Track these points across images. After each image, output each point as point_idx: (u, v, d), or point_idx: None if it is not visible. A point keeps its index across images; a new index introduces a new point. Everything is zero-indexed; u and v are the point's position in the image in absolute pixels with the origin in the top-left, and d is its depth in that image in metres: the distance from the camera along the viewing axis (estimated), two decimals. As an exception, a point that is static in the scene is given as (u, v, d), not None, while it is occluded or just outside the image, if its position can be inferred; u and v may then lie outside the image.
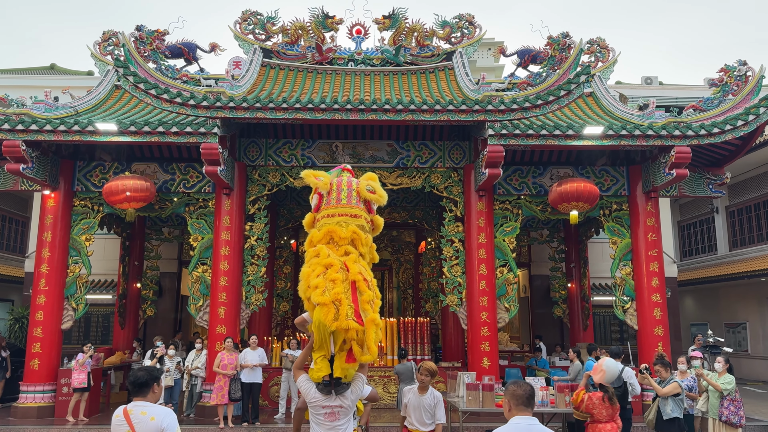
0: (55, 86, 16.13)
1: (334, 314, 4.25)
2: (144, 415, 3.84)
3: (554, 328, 18.23)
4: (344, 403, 4.55)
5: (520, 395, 3.48)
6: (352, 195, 4.89)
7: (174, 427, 3.88)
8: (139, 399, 3.93)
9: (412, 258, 19.51)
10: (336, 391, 4.52)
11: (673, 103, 17.91)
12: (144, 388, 3.93)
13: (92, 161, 12.72)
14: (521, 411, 3.47)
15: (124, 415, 3.86)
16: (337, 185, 4.95)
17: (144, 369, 4.04)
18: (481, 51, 22.50)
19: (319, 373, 4.50)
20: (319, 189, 4.95)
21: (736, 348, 19.80)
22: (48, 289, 12.03)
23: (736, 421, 7.92)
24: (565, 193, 11.54)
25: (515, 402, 3.49)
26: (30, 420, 11.34)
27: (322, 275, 4.44)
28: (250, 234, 12.67)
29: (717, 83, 12.68)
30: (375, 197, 4.98)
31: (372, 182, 5.04)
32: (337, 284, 4.38)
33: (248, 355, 11.40)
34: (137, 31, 13.94)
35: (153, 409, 3.90)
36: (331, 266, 4.48)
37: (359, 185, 4.95)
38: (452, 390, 9.61)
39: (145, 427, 3.81)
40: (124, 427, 3.83)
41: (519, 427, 3.38)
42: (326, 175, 5.05)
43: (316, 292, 4.33)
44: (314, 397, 4.55)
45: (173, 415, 3.94)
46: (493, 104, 11.10)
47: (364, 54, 15.01)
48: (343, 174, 5.16)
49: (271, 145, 13.03)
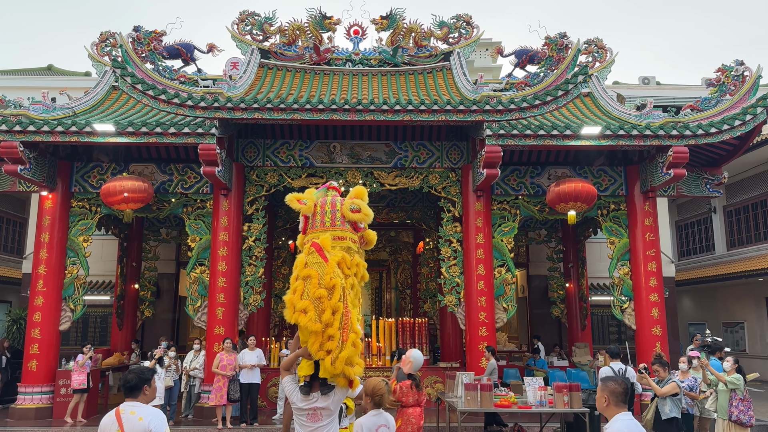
0: (53, 87, 16.11)
1: (320, 343, 4.36)
2: (133, 414, 3.92)
3: (552, 328, 18.25)
4: (327, 405, 4.55)
5: (620, 392, 3.59)
6: (336, 216, 4.83)
7: (162, 428, 3.94)
8: (131, 400, 4.01)
9: (410, 258, 19.51)
10: (321, 391, 4.54)
11: (671, 103, 17.94)
12: (134, 390, 4.01)
13: (90, 162, 12.71)
14: (621, 408, 3.59)
15: (116, 414, 3.95)
16: (321, 207, 4.87)
17: (134, 371, 4.10)
18: (479, 51, 22.50)
19: (301, 372, 4.59)
20: (303, 212, 4.93)
21: (734, 348, 19.84)
22: (46, 290, 12.01)
23: (746, 421, 7.87)
24: (563, 193, 11.55)
25: (615, 399, 3.59)
26: (28, 421, 11.32)
27: (305, 293, 4.48)
28: (248, 235, 12.67)
29: (714, 83, 12.70)
30: (360, 216, 4.88)
31: (357, 200, 4.91)
32: (323, 302, 4.42)
33: (246, 355, 11.40)
34: (135, 32, 13.93)
35: (142, 409, 3.97)
36: (309, 277, 4.51)
37: (343, 206, 4.86)
38: (450, 390, 9.61)
39: (134, 426, 3.88)
40: (114, 426, 3.91)
41: (627, 423, 3.51)
42: (311, 197, 4.98)
43: (306, 318, 4.41)
44: (297, 398, 4.58)
45: (162, 416, 4.02)
46: (491, 104, 11.11)
47: (361, 54, 15.01)
48: (329, 193, 5.09)
49: (269, 145, 13.03)
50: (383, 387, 4.54)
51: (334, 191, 5.13)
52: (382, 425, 4.55)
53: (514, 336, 19.23)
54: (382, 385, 4.55)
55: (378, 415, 4.57)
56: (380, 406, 4.57)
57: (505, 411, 8.32)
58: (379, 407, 4.57)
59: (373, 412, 4.57)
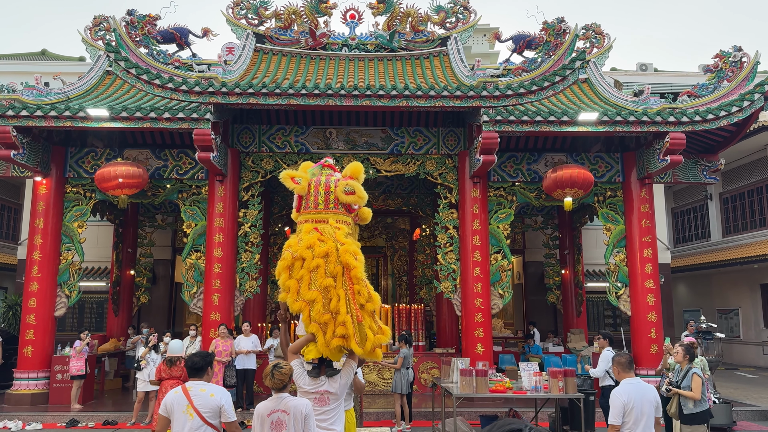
0: (46, 72, 15.94)
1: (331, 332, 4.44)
2: (203, 391, 4.21)
3: (548, 315, 18.32)
4: (334, 388, 4.57)
5: (624, 362, 4.95)
6: (329, 199, 4.83)
7: (231, 406, 4.24)
8: (196, 380, 4.32)
9: (407, 245, 19.51)
10: (327, 374, 4.55)
11: (668, 89, 17.88)
12: (200, 371, 4.33)
13: (84, 147, 12.62)
14: (627, 373, 4.92)
15: (183, 391, 4.22)
16: (315, 188, 4.86)
17: (199, 354, 4.42)
18: (476, 37, 22.38)
19: (309, 356, 4.62)
20: (297, 192, 4.90)
21: (729, 334, 19.96)
22: (41, 276, 11.97)
23: None
24: (560, 179, 11.52)
25: (621, 368, 4.95)
26: (24, 407, 11.34)
27: (313, 283, 4.53)
28: (244, 221, 12.62)
29: (712, 69, 12.64)
30: (354, 199, 4.87)
31: (351, 182, 4.90)
32: (330, 291, 4.49)
33: (242, 341, 11.42)
34: (128, 16, 13.76)
35: (212, 387, 4.29)
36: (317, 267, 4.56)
37: (337, 188, 4.85)
38: (446, 376, 9.63)
39: (205, 401, 4.16)
40: (183, 402, 4.16)
41: (629, 385, 4.81)
42: (305, 175, 4.96)
43: (314, 310, 4.48)
44: (304, 381, 4.59)
45: (229, 395, 4.35)
46: (488, 90, 11.04)
47: (358, 39, 14.88)
48: (324, 172, 5.06)
49: (264, 131, 12.94)
50: (268, 369, 4.14)
51: (329, 170, 5.10)
52: (277, 410, 4.10)
53: (509, 322, 19.31)
54: (268, 369, 4.15)
55: (275, 400, 4.16)
56: (280, 390, 4.15)
57: (500, 396, 8.34)
58: (279, 391, 4.15)
59: (272, 397, 4.20)
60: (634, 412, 4.68)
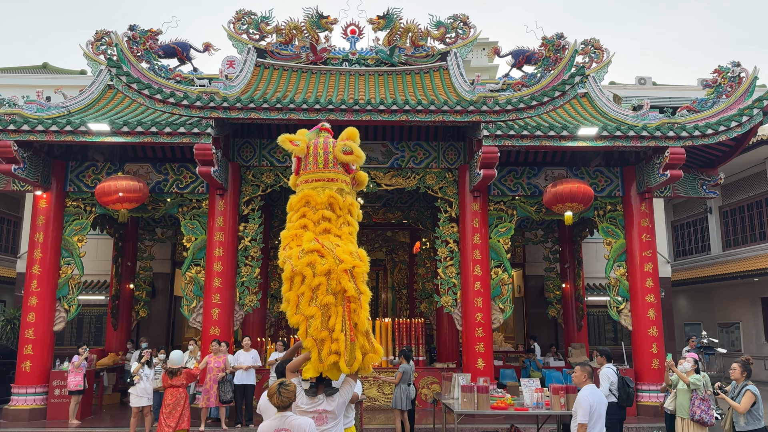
0: (48, 85, 16.04)
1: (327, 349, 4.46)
2: None
3: (549, 329, 18.25)
4: (331, 407, 4.53)
5: (590, 372, 5.85)
6: (328, 159, 4.98)
7: None
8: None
9: (407, 258, 19.47)
10: (326, 393, 4.53)
11: (667, 103, 17.96)
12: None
13: (85, 161, 12.63)
14: (589, 382, 5.78)
15: None
16: (313, 149, 5.01)
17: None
18: (476, 51, 22.48)
19: (307, 374, 4.60)
20: (296, 154, 5.00)
21: (730, 348, 19.87)
22: (40, 290, 11.93)
23: (707, 420, 7.89)
24: (560, 193, 11.53)
25: (587, 376, 5.82)
26: (21, 422, 11.24)
27: (313, 300, 4.54)
28: (244, 235, 12.61)
29: (711, 84, 12.70)
30: (352, 158, 5.03)
31: (349, 142, 5.06)
32: (330, 308, 4.50)
33: (241, 356, 11.33)
34: (130, 31, 13.85)
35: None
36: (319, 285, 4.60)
37: (335, 148, 5.00)
38: (447, 391, 9.58)
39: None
40: None
41: (591, 390, 5.70)
42: (303, 138, 5.10)
43: (312, 327, 4.49)
44: (302, 401, 4.56)
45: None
46: (488, 105, 11.08)
47: (358, 54, 14.96)
48: (321, 134, 5.19)
49: (265, 145, 12.97)
50: (274, 388, 4.09)
51: (326, 132, 5.23)
52: (281, 429, 4.06)
53: (510, 336, 19.24)
54: (274, 387, 4.10)
55: (278, 419, 4.13)
56: (284, 409, 4.12)
57: (501, 413, 8.28)
58: (284, 410, 4.12)
59: (275, 416, 4.18)
60: (596, 414, 5.54)
